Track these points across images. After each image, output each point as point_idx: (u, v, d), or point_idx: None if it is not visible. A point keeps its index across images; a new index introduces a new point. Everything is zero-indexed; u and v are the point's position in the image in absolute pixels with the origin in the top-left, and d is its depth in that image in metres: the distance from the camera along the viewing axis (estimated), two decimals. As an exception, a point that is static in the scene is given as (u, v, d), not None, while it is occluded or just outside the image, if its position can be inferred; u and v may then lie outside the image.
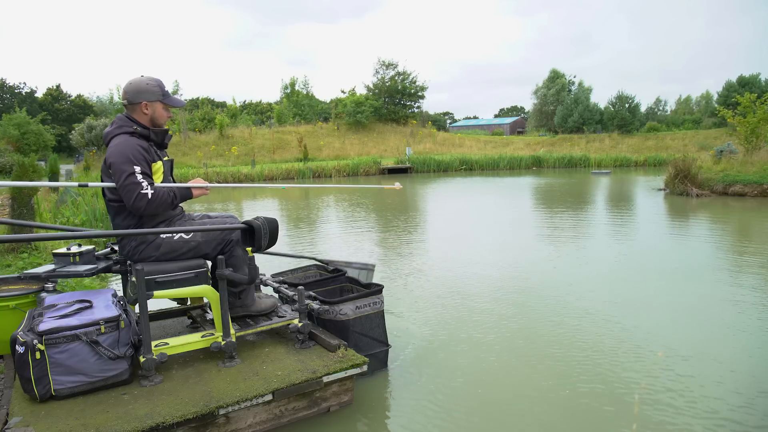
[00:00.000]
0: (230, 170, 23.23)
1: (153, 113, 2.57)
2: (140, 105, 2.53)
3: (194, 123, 34.07)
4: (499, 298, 4.44)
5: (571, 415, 2.54)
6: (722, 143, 16.17)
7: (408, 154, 28.64)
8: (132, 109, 2.55)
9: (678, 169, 12.71)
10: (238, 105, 42.01)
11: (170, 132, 2.74)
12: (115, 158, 2.38)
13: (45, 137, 29.74)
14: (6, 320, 2.57)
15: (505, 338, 3.56)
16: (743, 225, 8.44)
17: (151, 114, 2.56)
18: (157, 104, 2.57)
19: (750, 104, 13.79)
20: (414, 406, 2.67)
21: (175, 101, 2.67)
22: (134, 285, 2.33)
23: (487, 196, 14.97)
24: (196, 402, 2.17)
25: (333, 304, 2.87)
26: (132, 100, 2.53)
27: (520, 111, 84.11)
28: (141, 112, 2.54)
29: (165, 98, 2.59)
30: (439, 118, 71.25)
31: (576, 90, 46.65)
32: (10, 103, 43.36)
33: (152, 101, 2.55)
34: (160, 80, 2.61)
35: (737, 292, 4.44)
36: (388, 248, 6.89)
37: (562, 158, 29.01)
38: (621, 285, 4.84)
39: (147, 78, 2.57)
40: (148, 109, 2.55)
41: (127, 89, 2.54)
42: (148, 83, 2.55)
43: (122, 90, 2.59)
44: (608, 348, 3.33)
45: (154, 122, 2.59)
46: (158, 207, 2.43)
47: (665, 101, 59.79)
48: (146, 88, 2.53)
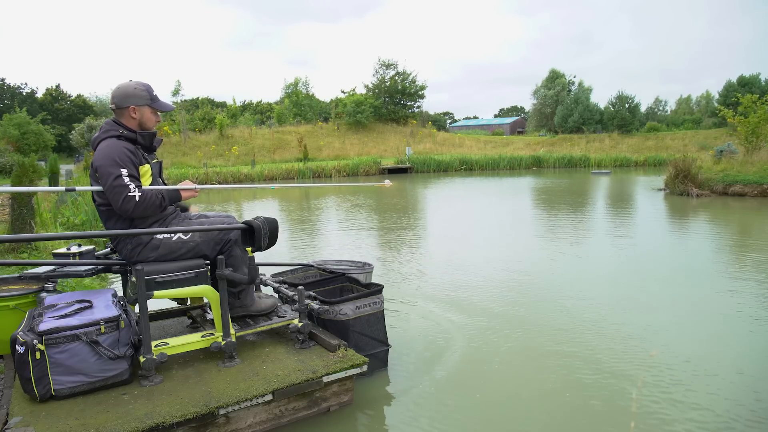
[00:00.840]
0: (230, 170, 23.23)
1: (141, 117, 2.57)
2: (128, 109, 2.53)
3: (194, 123, 34.10)
4: (500, 298, 4.45)
5: (572, 415, 2.54)
6: (722, 143, 16.18)
7: (408, 154, 28.66)
8: (120, 114, 2.55)
9: (678, 169, 12.71)
10: (238, 105, 41.94)
11: (159, 135, 2.72)
12: (101, 161, 2.38)
13: (45, 137, 29.78)
14: (6, 320, 2.57)
15: (506, 338, 3.56)
16: (743, 225, 8.44)
17: (139, 118, 2.56)
18: (145, 108, 2.56)
19: (751, 104, 13.80)
20: (414, 406, 2.67)
21: (163, 105, 2.66)
22: (134, 285, 2.33)
23: (487, 197, 14.98)
24: (196, 402, 2.17)
25: (333, 304, 2.87)
26: (120, 105, 2.53)
27: (520, 111, 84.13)
28: (129, 116, 2.54)
29: (153, 102, 2.59)
30: (439, 118, 71.29)
31: (576, 90, 46.66)
32: (10, 104, 43.36)
33: (140, 105, 2.55)
34: (148, 85, 2.61)
35: (738, 293, 4.44)
36: (388, 248, 6.89)
37: (562, 158, 29.03)
38: (621, 285, 4.84)
39: (135, 83, 2.58)
40: (136, 113, 2.55)
41: (115, 94, 2.54)
42: (135, 88, 2.55)
43: (110, 95, 2.59)
44: (609, 348, 3.33)
45: (143, 126, 2.59)
46: (146, 209, 2.43)
47: (665, 101, 59.87)
48: (134, 93, 2.53)
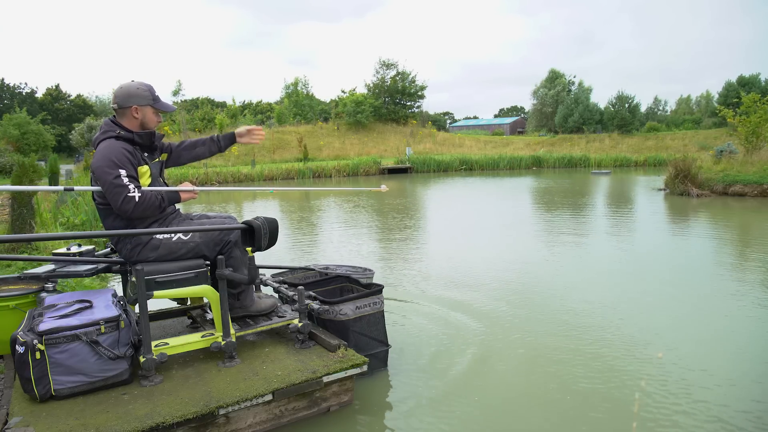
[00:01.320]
0: (230, 170, 23.22)
1: (143, 117, 2.57)
2: (130, 109, 2.54)
3: (194, 123, 34.09)
4: (500, 299, 4.44)
5: (572, 416, 2.54)
6: (722, 143, 16.16)
7: (408, 154, 28.65)
8: (122, 114, 2.55)
9: (678, 169, 12.71)
10: (238, 105, 41.95)
11: (160, 132, 2.73)
12: (100, 162, 2.38)
13: (45, 137, 29.80)
14: (6, 320, 2.57)
15: (506, 339, 3.56)
16: (743, 225, 8.44)
17: (141, 118, 2.57)
18: (147, 108, 2.57)
19: (752, 104, 13.80)
20: (414, 406, 2.67)
21: (165, 106, 2.67)
22: (134, 285, 2.33)
23: (487, 197, 14.97)
24: (196, 402, 2.17)
25: (333, 304, 2.87)
26: (122, 104, 2.53)
27: (520, 111, 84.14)
28: (131, 116, 2.55)
29: (155, 103, 2.60)
30: (439, 118, 71.31)
31: (576, 90, 46.66)
32: (10, 103, 43.37)
33: (142, 105, 2.55)
34: (150, 85, 2.62)
35: (739, 293, 4.44)
36: (389, 248, 6.89)
37: (562, 158, 29.03)
38: (622, 286, 4.84)
39: (138, 83, 2.58)
40: (138, 113, 2.55)
41: (118, 93, 2.55)
42: (138, 88, 2.56)
43: (113, 95, 2.60)
44: (609, 349, 3.33)
45: (144, 126, 2.59)
46: (146, 210, 2.43)
47: (665, 101, 59.90)
48: (136, 93, 2.54)
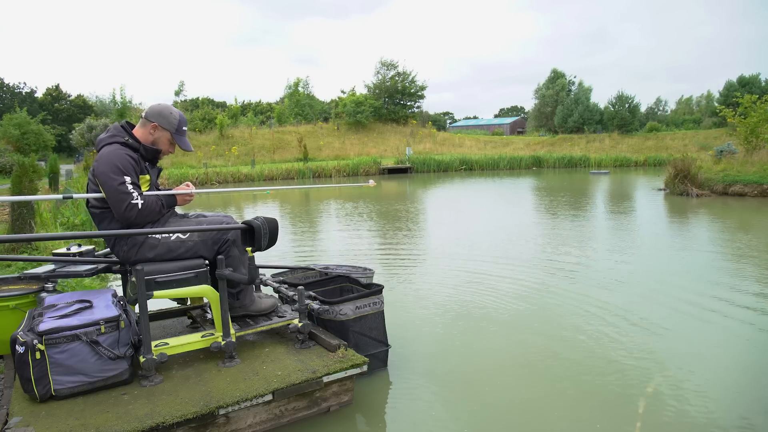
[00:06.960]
0: (230, 170, 23.23)
1: (157, 138, 2.61)
2: (151, 124, 2.58)
3: (194, 123, 34.08)
4: (501, 299, 4.44)
5: (573, 416, 2.54)
6: (722, 143, 16.17)
7: (408, 154, 28.65)
8: (143, 123, 2.60)
9: (678, 169, 12.71)
10: (239, 105, 41.97)
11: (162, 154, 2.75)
12: (104, 167, 2.39)
13: (45, 137, 29.78)
14: (6, 320, 2.57)
15: (507, 339, 3.56)
16: (744, 225, 8.43)
17: (155, 138, 2.61)
18: (165, 133, 2.61)
19: (750, 105, 13.82)
20: (414, 406, 2.67)
21: (183, 142, 2.69)
22: (134, 285, 2.33)
23: (487, 197, 14.98)
24: (196, 402, 2.17)
25: (333, 304, 2.87)
26: (148, 116, 2.59)
27: (520, 111, 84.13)
28: (148, 130, 2.59)
29: (176, 133, 2.64)
30: (439, 118, 71.31)
31: (576, 90, 46.65)
32: (10, 103, 43.35)
33: (164, 128, 2.60)
34: (184, 118, 2.69)
35: (740, 294, 4.44)
36: (389, 248, 6.89)
37: (562, 158, 29.04)
38: (622, 286, 4.83)
39: (174, 109, 2.66)
40: (155, 132, 2.60)
41: (152, 106, 2.62)
42: (171, 113, 2.62)
43: (148, 106, 2.66)
44: (610, 349, 3.33)
45: (154, 145, 2.62)
46: (148, 216, 2.46)
47: (665, 101, 59.90)
48: (166, 115, 2.60)
